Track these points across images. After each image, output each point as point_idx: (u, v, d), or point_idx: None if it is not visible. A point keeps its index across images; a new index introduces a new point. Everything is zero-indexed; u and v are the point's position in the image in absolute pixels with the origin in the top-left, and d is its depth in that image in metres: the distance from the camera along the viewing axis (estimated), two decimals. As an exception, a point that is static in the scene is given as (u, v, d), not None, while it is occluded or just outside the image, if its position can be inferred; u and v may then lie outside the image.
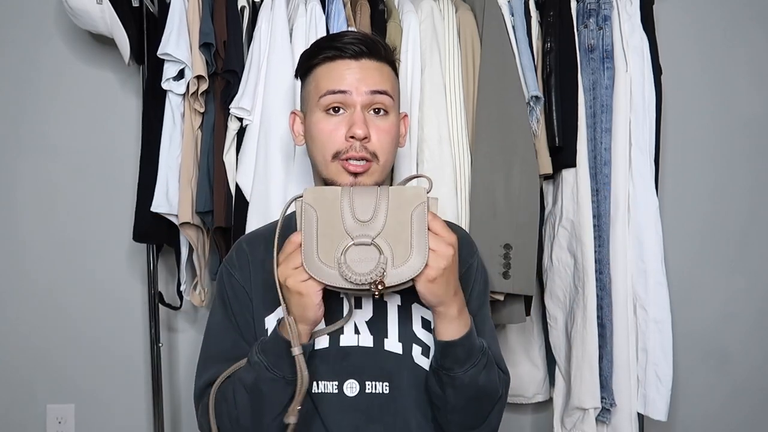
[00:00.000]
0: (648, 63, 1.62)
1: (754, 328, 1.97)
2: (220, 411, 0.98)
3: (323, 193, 0.90)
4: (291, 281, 0.88)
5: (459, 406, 0.97)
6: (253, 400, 0.94)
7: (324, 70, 1.02)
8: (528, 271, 1.51)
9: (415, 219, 0.88)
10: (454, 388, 0.95)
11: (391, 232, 0.88)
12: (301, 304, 0.88)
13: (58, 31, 1.86)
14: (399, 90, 1.08)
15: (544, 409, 1.91)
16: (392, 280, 0.87)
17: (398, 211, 0.88)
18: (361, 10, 1.55)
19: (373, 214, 0.88)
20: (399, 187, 0.91)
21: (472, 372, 0.94)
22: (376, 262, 0.86)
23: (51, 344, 1.88)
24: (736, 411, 1.97)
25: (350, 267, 0.86)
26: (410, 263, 0.87)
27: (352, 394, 0.99)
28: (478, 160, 1.51)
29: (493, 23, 1.54)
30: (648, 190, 1.61)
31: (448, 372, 0.94)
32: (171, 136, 1.56)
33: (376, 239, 0.87)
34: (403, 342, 1.00)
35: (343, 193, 0.90)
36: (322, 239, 0.88)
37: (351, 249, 0.87)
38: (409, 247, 0.87)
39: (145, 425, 1.88)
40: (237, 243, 1.11)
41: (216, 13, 1.55)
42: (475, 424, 1.00)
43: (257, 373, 0.93)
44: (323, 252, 0.87)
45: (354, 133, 0.98)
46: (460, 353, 0.93)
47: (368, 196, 0.89)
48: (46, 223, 1.87)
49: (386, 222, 0.88)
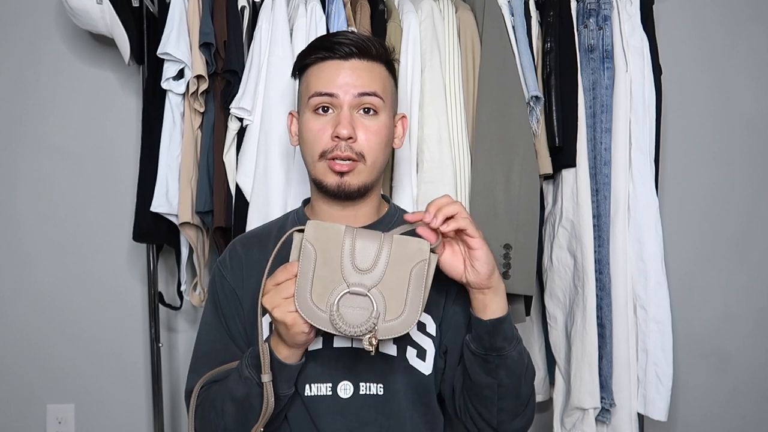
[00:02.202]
0: (648, 63, 1.62)
1: (754, 328, 1.97)
2: (207, 417, 0.98)
3: (326, 231, 0.88)
4: (278, 312, 0.86)
5: (511, 388, 0.95)
6: (240, 413, 0.94)
7: (315, 71, 1.03)
8: (528, 271, 1.51)
9: (414, 276, 0.87)
10: (506, 368, 0.94)
11: (388, 285, 0.86)
12: (290, 333, 0.87)
13: (58, 31, 1.86)
14: (394, 89, 1.08)
15: (544, 409, 1.91)
16: (383, 334, 0.86)
17: (398, 265, 0.87)
18: (361, 10, 1.55)
19: (373, 263, 0.87)
20: (403, 238, 0.89)
21: (519, 347, 0.94)
22: (368, 315, 0.85)
23: (51, 344, 1.88)
24: (736, 411, 1.97)
25: (342, 316, 0.85)
26: (402, 319, 0.86)
27: (346, 396, 0.98)
28: (478, 160, 1.51)
29: (493, 23, 1.54)
30: (648, 190, 1.61)
31: (500, 351, 0.93)
32: (171, 136, 1.56)
33: (372, 290, 0.86)
34: (397, 344, 0.99)
35: (346, 234, 0.88)
36: (317, 281, 0.86)
37: (345, 296, 0.86)
38: (403, 304, 0.86)
39: (145, 425, 1.88)
40: (231, 244, 1.12)
41: (216, 13, 1.55)
42: (520, 408, 0.98)
43: (248, 389, 0.93)
44: (317, 294, 0.86)
45: (339, 133, 0.98)
46: (507, 329, 0.93)
47: (371, 242, 0.88)
48: (46, 223, 1.87)
49: (385, 274, 0.87)
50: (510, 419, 0.98)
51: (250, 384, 0.92)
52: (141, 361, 1.87)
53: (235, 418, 0.95)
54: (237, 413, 0.94)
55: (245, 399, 0.93)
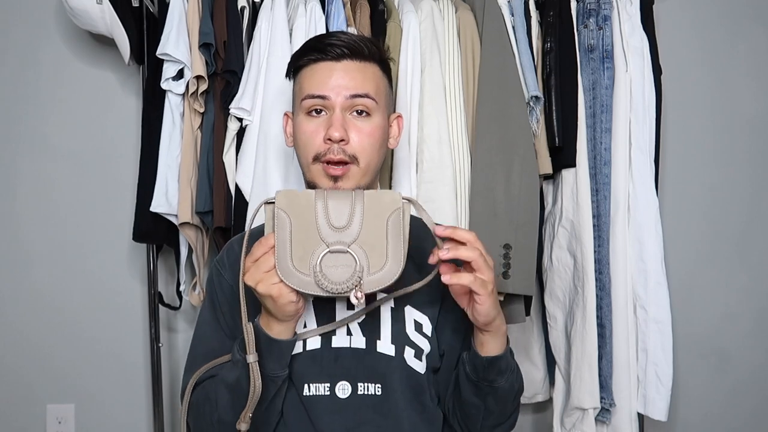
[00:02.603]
0: (648, 63, 1.62)
1: (754, 328, 1.97)
2: (202, 412, 0.98)
3: (297, 198, 0.88)
4: (262, 286, 0.86)
5: (497, 411, 1.00)
6: (233, 398, 0.94)
7: (307, 73, 1.02)
8: (528, 271, 1.51)
9: (391, 225, 0.87)
10: (495, 396, 0.97)
11: (367, 238, 0.87)
12: (278, 305, 0.87)
13: (58, 31, 1.86)
14: (389, 89, 1.07)
15: (544, 409, 1.91)
16: (369, 287, 0.86)
17: (373, 217, 0.87)
18: (361, 10, 1.55)
19: (348, 220, 0.87)
20: (374, 191, 0.90)
21: (511, 378, 0.97)
22: (352, 270, 0.85)
23: (51, 344, 1.88)
24: (736, 411, 1.97)
25: (326, 275, 0.85)
26: (386, 269, 0.86)
27: (344, 396, 0.98)
28: (478, 160, 1.51)
29: (493, 23, 1.54)
30: (648, 190, 1.61)
31: (492, 383, 0.96)
32: (171, 136, 1.56)
33: (352, 246, 0.86)
34: (395, 344, 1.00)
35: (317, 197, 0.88)
36: (296, 246, 0.86)
37: (326, 256, 0.86)
38: (385, 255, 0.87)
39: (145, 425, 1.88)
40: (228, 243, 1.12)
41: (216, 14, 1.55)
42: (502, 421, 1.03)
43: (239, 371, 0.92)
44: (298, 259, 0.86)
45: (331, 136, 0.98)
46: (503, 365, 0.95)
47: (343, 201, 0.88)
48: (45, 223, 1.87)
49: (362, 229, 0.87)
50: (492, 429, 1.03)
51: (241, 367, 0.92)
52: (141, 361, 1.87)
53: (230, 405, 0.94)
54: (230, 399, 0.94)
55: (236, 383, 0.93)
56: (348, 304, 1.00)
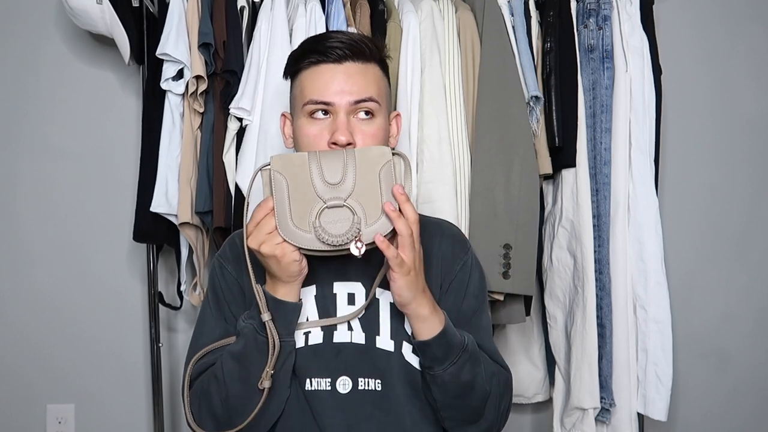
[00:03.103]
0: (648, 63, 1.61)
1: (754, 328, 1.96)
2: (208, 392, 0.98)
3: (291, 159, 0.91)
4: (266, 247, 0.89)
5: (446, 404, 0.98)
6: (241, 368, 0.95)
7: (308, 75, 1.01)
8: (528, 271, 1.51)
9: (383, 177, 0.91)
10: (436, 386, 0.96)
11: (362, 192, 0.90)
12: (282, 265, 0.90)
13: (58, 31, 1.86)
14: (388, 88, 1.07)
15: (544, 409, 1.91)
16: (368, 237, 0.89)
17: (366, 171, 0.91)
18: (361, 10, 1.55)
19: (342, 176, 0.90)
20: (364, 148, 0.94)
21: (452, 370, 0.95)
22: (350, 223, 0.89)
23: (51, 344, 1.88)
24: (736, 411, 1.97)
25: (326, 230, 0.88)
26: (383, 219, 0.89)
27: (345, 391, 0.99)
28: (478, 160, 1.51)
29: (493, 23, 1.54)
30: (648, 190, 1.60)
31: (429, 371, 0.96)
32: (170, 136, 1.56)
33: (348, 200, 0.90)
34: (394, 339, 1.00)
35: (310, 157, 0.91)
36: (294, 204, 0.89)
37: (324, 212, 0.89)
38: (380, 206, 0.90)
39: (145, 425, 1.88)
40: (230, 238, 1.12)
41: (215, 14, 1.55)
42: (470, 420, 1.01)
43: (245, 339, 0.94)
44: (297, 217, 0.89)
45: (336, 140, 0.97)
46: (437, 352, 0.94)
47: (335, 160, 0.91)
48: (46, 223, 1.87)
49: (355, 183, 0.90)
50: (458, 426, 1.01)
51: (248, 332, 0.94)
52: (141, 361, 1.87)
53: (238, 376, 0.95)
54: (238, 370, 0.95)
55: (244, 349, 0.94)
56: (349, 300, 1.01)
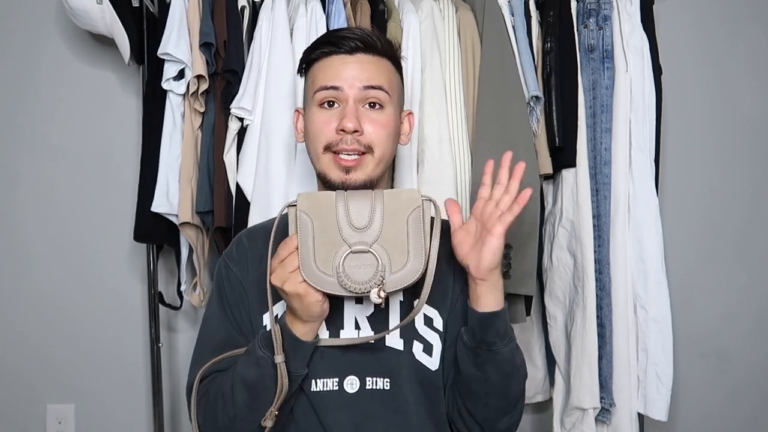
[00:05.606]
0: (648, 63, 1.62)
1: (754, 328, 1.97)
2: (214, 406, 0.98)
3: (317, 199, 0.90)
4: (289, 285, 0.88)
5: (498, 385, 0.96)
6: (253, 396, 0.94)
7: (320, 66, 1.02)
8: (528, 271, 1.51)
9: (411, 224, 0.89)
10: (495, 363, 0.94)
11: (388, 238, 0.88)
12: (304, 304, 0.89)
13: (58, 31, 1.86)
14: (401, 85, 1.07)
15: (544, 409, 1.91)
16: (391, 286, 0.87)
17: (394, 216, 0.89)
18: (362, 10, 1.55)
19: (369, 220, 0.89)
20: (393, 191, 0.92)
21: (510, 346, 0.95)
22: (374, 270, 0.87)
23: (51, 344, 1.88)
24: (736, 411, 1.97)
25: (349, 276, 0.86)
26: (408, 268, 0.88)
27: (352, 391, 0.98)
28: (479, 160, 1.51)
29: (494, 23, 1.54)
30: (648, 190, 1.61)
31: (490, 346, 0.94)
32: (171, 136, 1.56)
33: (373, 246, 0.88)
34: (404, 338, 0.99)
35: (337, 198, 0.89)
36: (318, 248, 0.87)
37: (349, 256, 0.87)
38: (406, 253, 0.88)
39: (145, 425, 1.88)
40: (237, 237, 1.11)
41: (216, 13, 1.55)
42: (507, 409, 0.99)
43: (261, 371, 0.93)
44: (320, 260, 0.87)
45: (344, 126, 0.97)
46: (500, 326, 0.94)
47: (363, 201, 0.89)
48: (46, 223, 1.87)
49: (382, 228, 0.88)
50: (496, 417, 0.99)
51: (264, 365, 0.92)
52: (141, 361, 1.87)
53: (247, 403, 0.94)
54: (249, 398, 0.94)
55: (259, 380, 0.93)
56: (356, 300, 1.00)
